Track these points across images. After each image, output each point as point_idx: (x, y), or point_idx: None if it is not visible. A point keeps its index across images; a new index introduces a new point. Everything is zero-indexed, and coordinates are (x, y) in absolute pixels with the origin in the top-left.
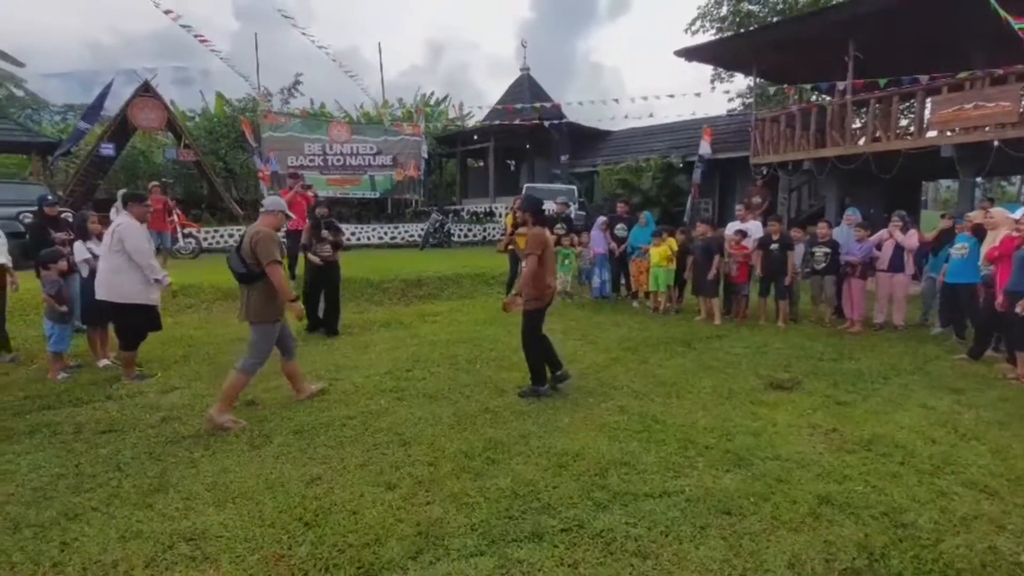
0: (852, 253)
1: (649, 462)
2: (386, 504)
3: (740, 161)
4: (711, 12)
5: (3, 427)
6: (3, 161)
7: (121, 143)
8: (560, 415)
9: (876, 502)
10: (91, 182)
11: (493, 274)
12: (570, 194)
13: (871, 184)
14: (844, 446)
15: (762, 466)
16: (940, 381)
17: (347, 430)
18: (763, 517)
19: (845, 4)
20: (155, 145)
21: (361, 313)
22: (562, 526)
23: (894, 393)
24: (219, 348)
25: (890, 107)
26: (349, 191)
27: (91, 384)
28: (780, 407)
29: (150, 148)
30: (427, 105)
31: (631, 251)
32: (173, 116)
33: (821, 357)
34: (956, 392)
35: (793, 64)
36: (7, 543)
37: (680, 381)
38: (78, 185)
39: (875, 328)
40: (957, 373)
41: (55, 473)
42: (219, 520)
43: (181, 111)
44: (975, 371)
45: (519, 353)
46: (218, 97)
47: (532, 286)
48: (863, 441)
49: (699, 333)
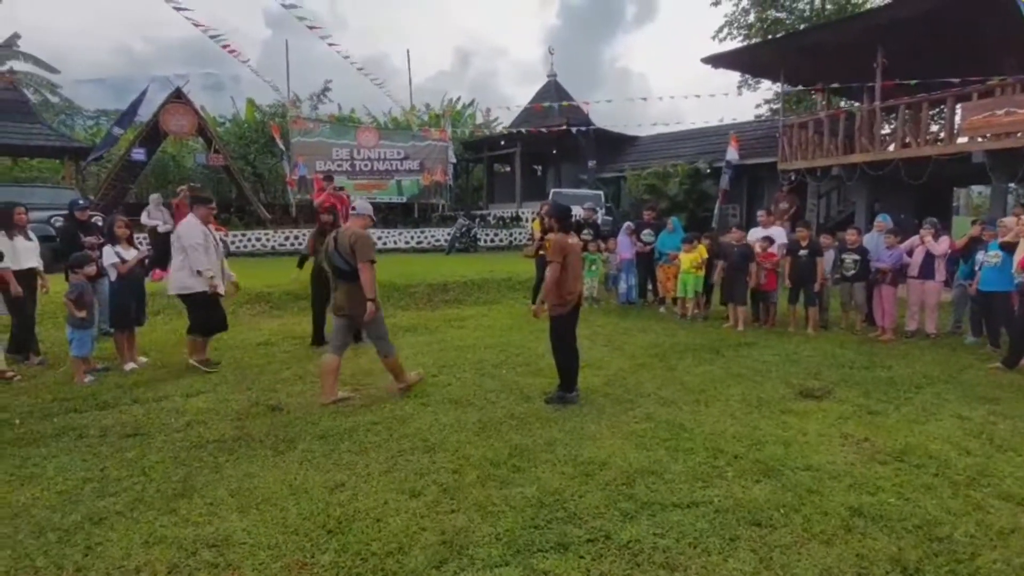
0: (882, 260)
1: (677, 471)
2: (410, 512)
3: (768, 167)
4: (738, 20)
5: (30, 430)
6: (37, 166)
7: (152, 148)
8: (586, 422)
9: (910, 514)
10: (122, 186)
11: (520, 279)
12: (597, 199)
13: (901, 190)
14: (876, 456)
15: (792, 476)
16: (974, 390)
17: (372, 436)
18: (794, 529)
19: (873, 11)
20: (186, 150)
21: (387, 318)
22: (588, 536)
23: (927, 402)
24: (245, 352)
25: (920, 113)
26: (376, 196)
27: (117, 387)
28: (810, 416)
29: (181, 153)
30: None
31: (659, 257)
32: (204, 122)
33: (852, 365)
34: (991, 402)
35: (821, 70)
36: (31, 547)
37: (708, 389)
38: (109, 189)
39: (907, 336)
40: (992, 382)
41: (81, 477)
42: (242, 526)
43: (212, 117)
44: (1010, 380)
45: (545, 359)
46: (249, 103)
47: (555, 292)
48: (896, 451)
49: (727, 340)
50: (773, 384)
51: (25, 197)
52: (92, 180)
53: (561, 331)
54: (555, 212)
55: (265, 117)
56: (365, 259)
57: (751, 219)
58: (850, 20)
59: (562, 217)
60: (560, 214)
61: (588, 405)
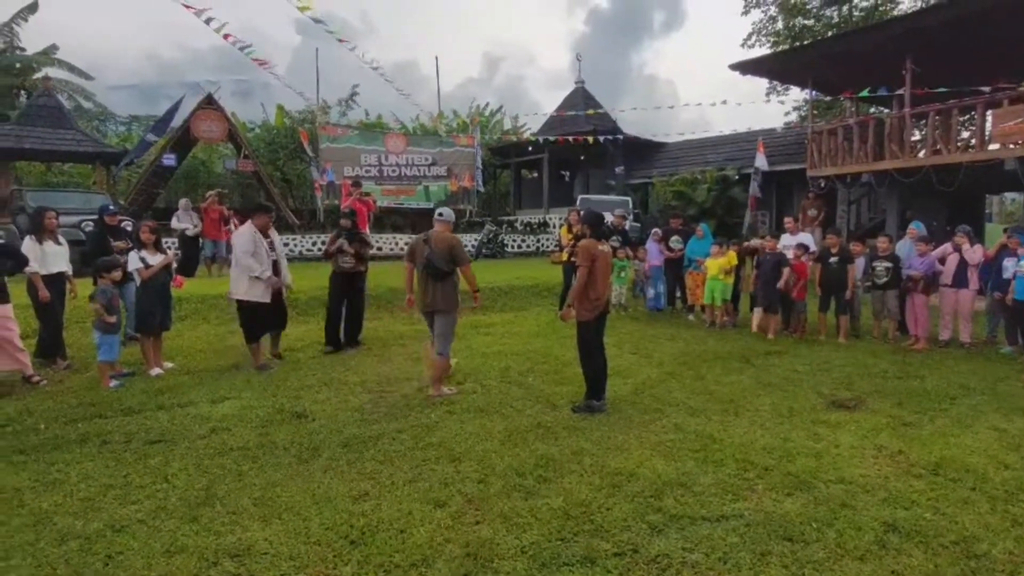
0: (914, 267)
1: (706, 483)
2: (434, 523)
3: (797, 173)
4: (766, 27)
5: (55, 435)
6: (70, 170)
7: (183, 154)
8: (614, 432)
9: (946, 530)
10: (152, 191)
11: (547, 285)
12: (625, 206)
13: (933, 197)
14: (911, 470)
15: (825, 490)
16: (1012, 401)
17: (396, 444)
18: (827, 544)
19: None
20: (216, 155)
21: (413, 324)
22: (615, 550)
23: (963, 414)
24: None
25: (950, 119)
26: (403, 201)
27: (143, 393)
28: (843, 427)
29: (211, 158)
30: (481, 116)
31: (687, 264)
32: (234, 128)
33: (885, 375)
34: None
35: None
36: (53, 555)
37: (738, 398)
38: (139, 194)
39: (941, 345)
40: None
41: (104, 483)
42: (264, 536)
43: (242, 122)
44: None
45: (572, 367)
46: (278, 109)
47: (583, 297)
48: (931, 465)
49: (757, 349)
50: (804, 394)
51: (58, 202)
52: (123, 185)
53: (587, 337)
54: (588, 218)
55: (294, 123)
56: (467, 262)
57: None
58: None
59: (595, 224)
60: (593, 220)
61: (616, 414)
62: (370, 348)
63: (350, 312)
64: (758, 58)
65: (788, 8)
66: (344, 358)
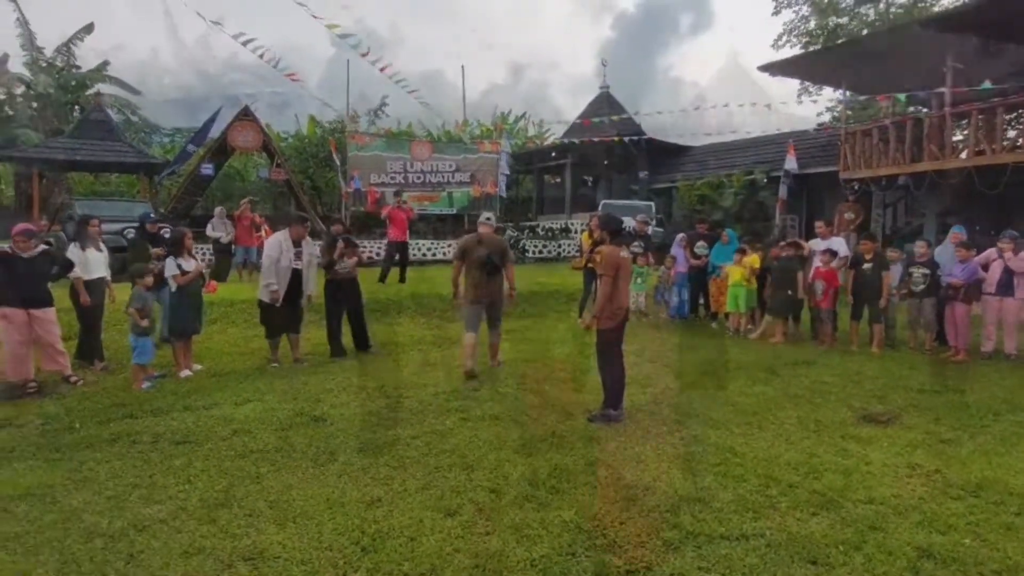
0: (954, 274)
1: (726, 500)
2: (445, 532)
3: (829, 176)
4: (798, 27)
5: (88, 434)
6: (116, 180)
7: (220, 163)
8: (630, 443)
9: (987, 558)
10: (190, 200)
11: (567, 292)
12: (648, 210)
13: (975, 200)
14: (948, 491)
15: (853, 510)
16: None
17: (411, 450)
18: (854, 569)
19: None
20: (250, 165)
21: (432, 329)
22: (628, 567)
23: (1007, 431)
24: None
25: (995, 118)
26: (427, 207)
27: (172, 394)
28: (874, 443)
29: (245, 168)
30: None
31: (712, 270)
32: (268, 138)
33: (921, 388)
34: None
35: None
36: (79, 552)
37: (762, 411)
38: (178, 203)
39: (983, 357)
40: None
41: (130, 483)
42: (279, 539)
43: (276, 133)
44: None
45: (589, 375)
46: (310, 119)
47: (607, 306)
48: (971, 486)
49: (783, 358)
50: (833, 407)
51: (103, 210)
52: (164, 193)
53: (607, 344)
54: (606, 223)
55: (325, 132)
56: (512, 260)
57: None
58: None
59: (613, 229)
60: (611, 225)
61: (633, 424)
62: (389, 352)
63: (353, 319)
64: (788, 59)
65: (821, 7)
66: (363, 362)
